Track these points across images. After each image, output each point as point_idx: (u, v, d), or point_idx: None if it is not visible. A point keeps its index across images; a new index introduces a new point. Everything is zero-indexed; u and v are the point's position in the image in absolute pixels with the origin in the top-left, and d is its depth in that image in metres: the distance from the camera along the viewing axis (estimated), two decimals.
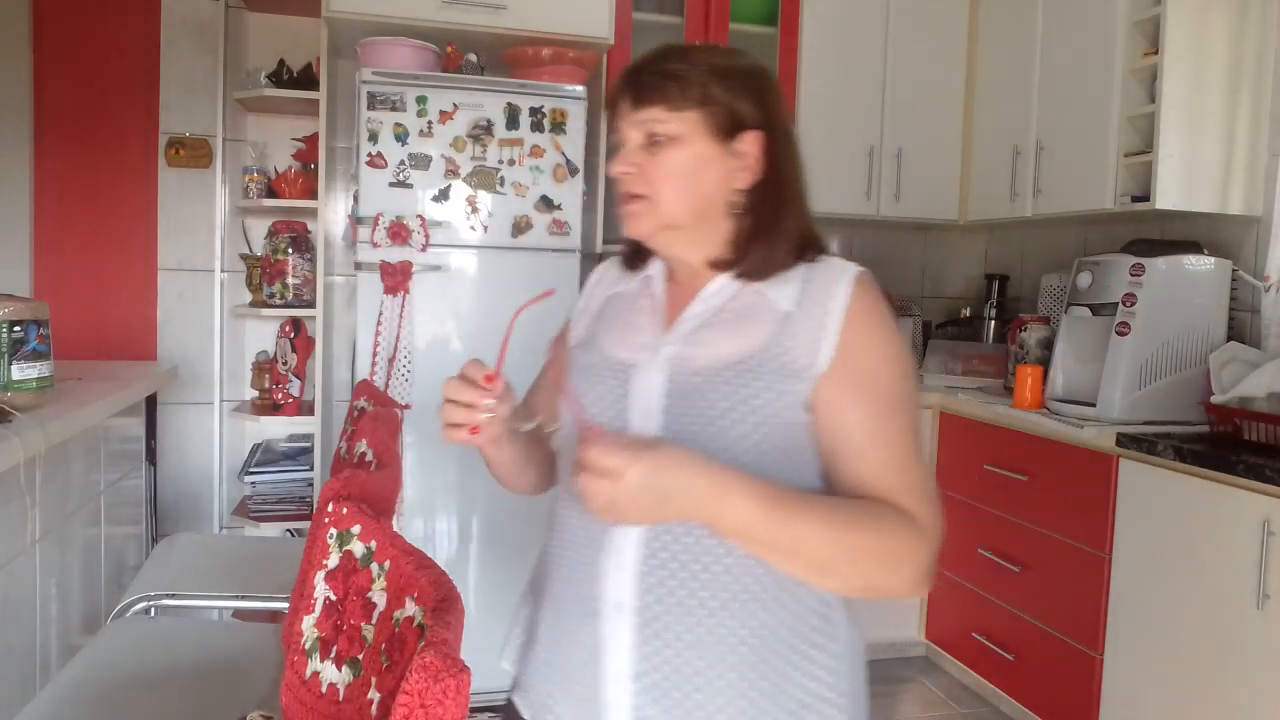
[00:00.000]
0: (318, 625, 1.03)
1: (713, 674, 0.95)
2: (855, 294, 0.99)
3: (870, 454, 0.96)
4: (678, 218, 1.02)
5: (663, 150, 1.00)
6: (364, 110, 2.57)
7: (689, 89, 0.99)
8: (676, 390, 0.98)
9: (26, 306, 1.72)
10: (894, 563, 0.93)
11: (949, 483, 3.11)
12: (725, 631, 0.95)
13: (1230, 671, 2.05)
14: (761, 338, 0.98)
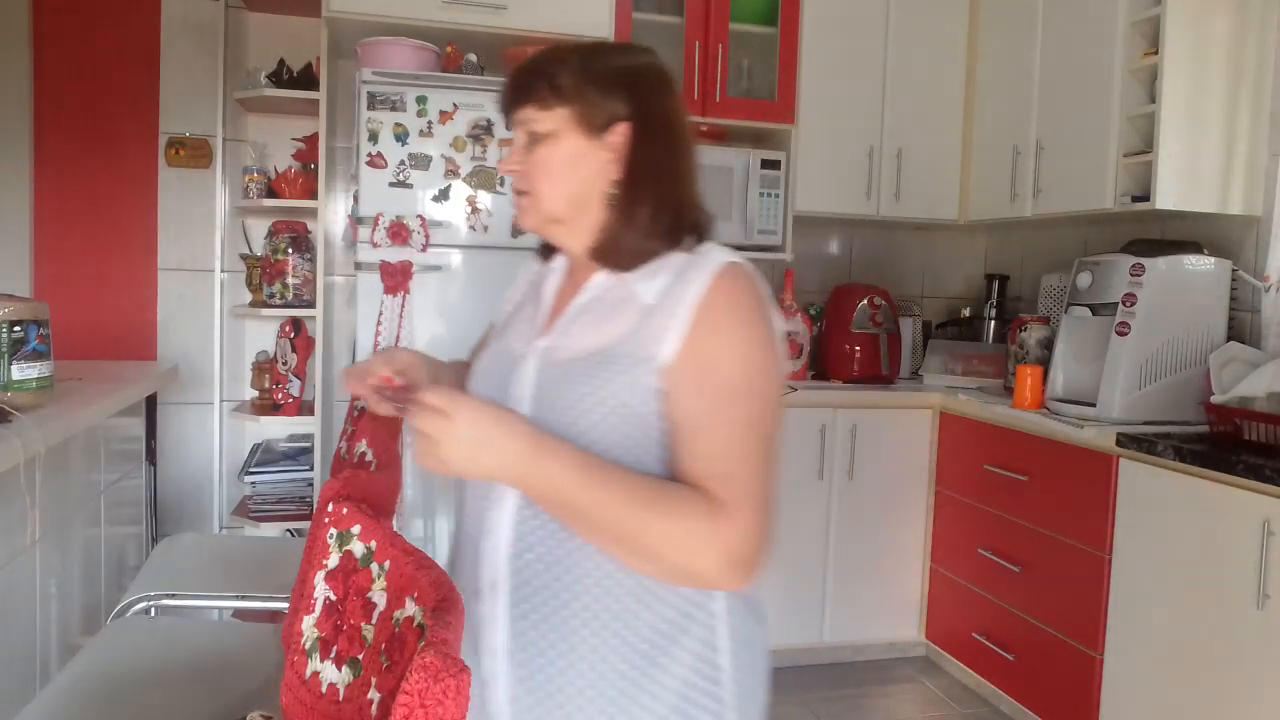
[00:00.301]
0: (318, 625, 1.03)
1: (578, 655, 0.99)
2: (712, 286, 1.00)
3: (694, 442, 0.97)
4: (557, 211, 1.07)
5: (539, 147, 1.05)
6: (364, 110, 2.57)
7: (558, 87, 1.03)
8: (543, 381, 1.04)
9: (26, 306, 1.72)
10: (690, 546, 0.93)
11: (949, 483, 3.11)
12: (590, 615, 0.99)
13: (1230, 671, 2.05)
14: (622, 330, 1.02)
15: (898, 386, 3.27)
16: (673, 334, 0.98)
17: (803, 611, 3.11)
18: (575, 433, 0.98)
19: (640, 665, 0.99)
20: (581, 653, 0.99)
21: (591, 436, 0.98)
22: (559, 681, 0.99)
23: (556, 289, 1.14)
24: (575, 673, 0.99)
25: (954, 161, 3.44)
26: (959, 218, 3.46)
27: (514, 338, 1.14)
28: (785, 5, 3.21)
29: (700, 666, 1.00)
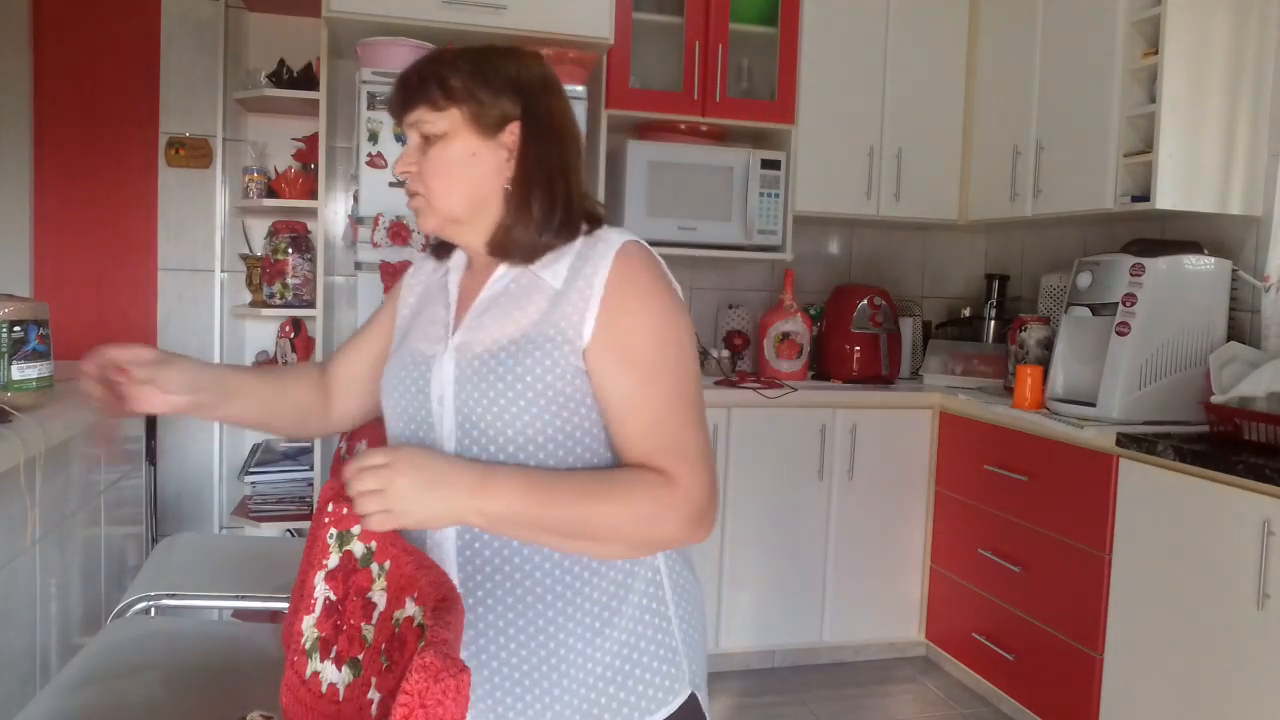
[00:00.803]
0: (318, 625, 1.03)
1: (533, 632, 1.02)
2: (615, 266, 1.04)
3: (630, 420, 1.02)
4: (454, 211, 1.08)
5: (431, 148, 1.07)
6: (364, 110, 2.57)
7: (449, 88, 1.05)
8: (463, 375, 1.05)
9: (26, 306, 1.72)
10: (655, 519, 0.99)
11: (949, 483, 3.11)
12: (541, 591, 1.03)
13: (1230, 671, 2.05)
14: (534, 316, 1.05)
15: (898, 386, 3.27)
16: (588, 315, 1.02)
17: (803, 611, 3.11)
18: (509, 418, 1.01)
19: (595, 627, 1.04)
20: (535, 630, 1.03)
21: (526, 419, 1.01)
22: (514, 662, 1.03)
23: (459, 286, 1.15)
24: (530, 651, 1.03)
25: (954, 161, 3.44)
26: (959, 218, 3.46)
27: (419, 340, 1.14)
28: (785, 5, 3.21)
29: (649, 619, 1.08)
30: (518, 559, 1.03)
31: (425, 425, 1.08)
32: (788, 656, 3.16)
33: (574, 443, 1.04)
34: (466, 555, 1.04)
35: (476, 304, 1.10)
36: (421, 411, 1.09)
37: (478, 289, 1.12)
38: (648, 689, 1.06)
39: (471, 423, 1.03)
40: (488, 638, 1.03)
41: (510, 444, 1.02)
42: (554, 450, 1.03)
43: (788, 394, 3.02)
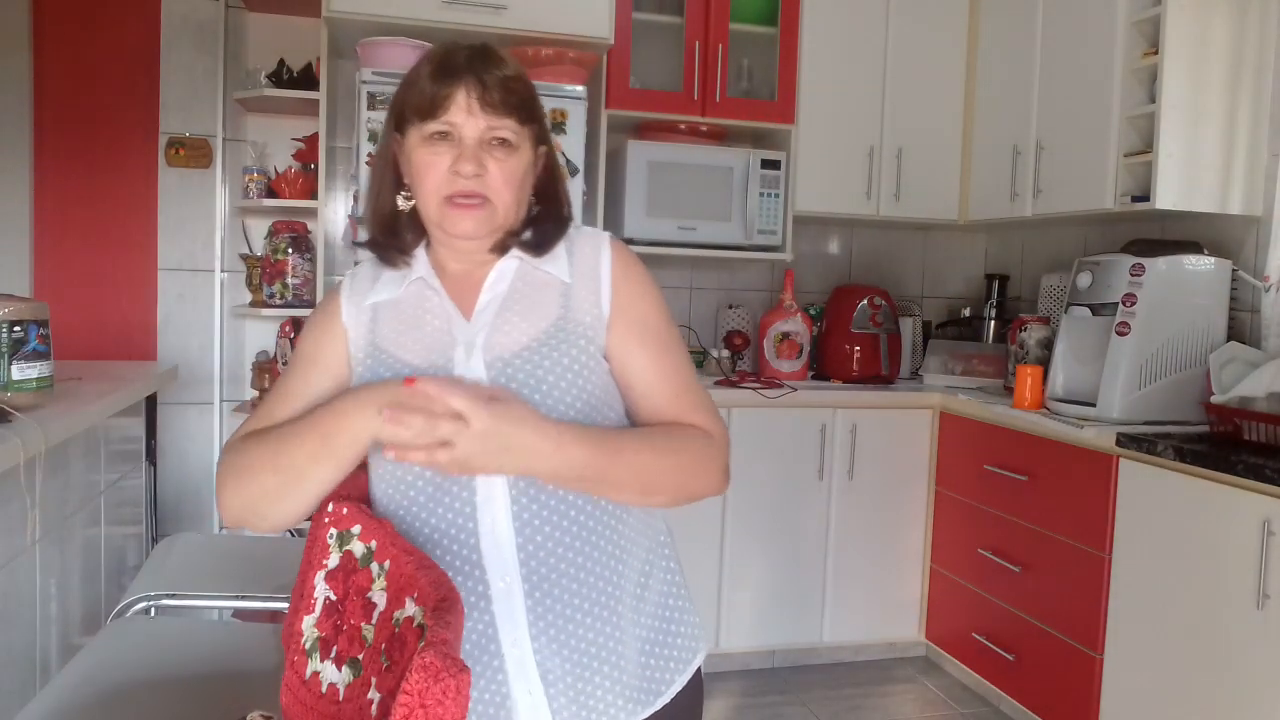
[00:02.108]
0: (318, 625, 1.03)
1: (594, 615, 1.06)
2: (614, 256, 1.13)
3: (658, 388, 1.11)
4: (510, 222, 1.11)
5: (510, 159, 1.08)
6: (364, 110, 2.57)
7: (533, 108, 1.11)
8: (498, 376, 1.05)
9: (26, 306, 1.72)
10: (702, 469, 1.10)
11: (949, 483, 3.11)
12: (592, 579, 1.06)
13: (1230, 671, 2.05)
14: (554, 311, 1.09)
15: (898, 386, 3.27)
16: (603, 303, 1.10)
17: (803, 611, 3.11)
18: (549, 408, 1.03)
19: (638, 594, 1.11)
20: (596, 613, 1.06)
21: (565, 405, 1.04)
22: (581, 646, 1.05)
23: (446, 295, 1.12)
24: (595, 631, 1.06)
25: (954, 161, 3.44)
26: (959, 218, 3.46)
27: (415, 355, 1.08)
28: (785, 5, 3.21)
29: (670, 588, 1.17)
30: (570, 555, 1.05)
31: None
32: (788, 656, 3.16)
33: (604, 419, 1.09)
34: (524, 558, 1.03)
35: (484, 306, 1.10)
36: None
37: (467, 292, 1.12)
38: (681, 651, 1.15)
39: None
40: (555, 613, 1.04)
41: None
42: None
43: (788, 394, 3.02)
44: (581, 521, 1.05)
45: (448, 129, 1.06)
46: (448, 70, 1.07)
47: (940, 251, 3.84)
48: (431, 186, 1.07)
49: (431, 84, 1.07)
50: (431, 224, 1.11)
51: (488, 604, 1.03)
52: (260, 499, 1.04)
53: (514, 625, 1.03)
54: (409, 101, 1.09)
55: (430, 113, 1.06)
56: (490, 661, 1.04)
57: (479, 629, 1.04)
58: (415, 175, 1.09)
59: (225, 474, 1.07)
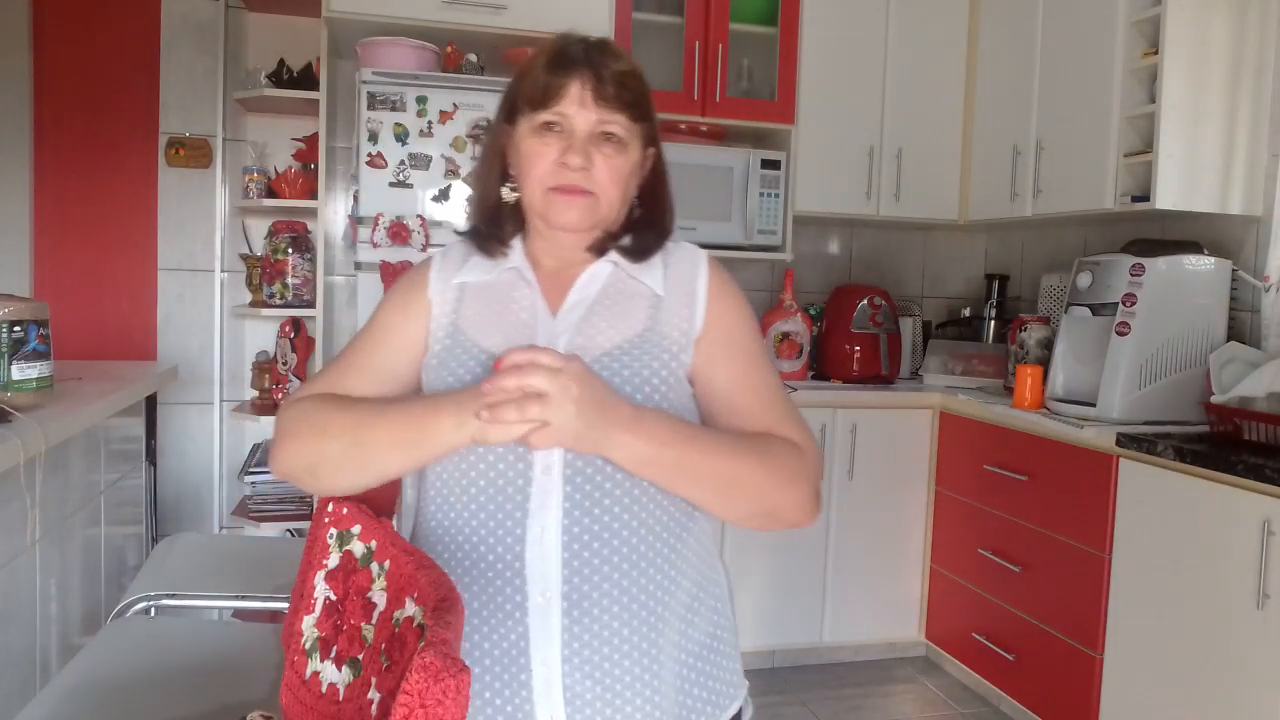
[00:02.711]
0: (318, 625, 1.03)
1: (629, 644, 1.01)
2: (711, 273, 1.12)
3: (743, 402, 1.08)
4: (611, 219, 1.10)
5: (618, 155, 1.07)
6: (364, 110, 2.57)
7: (646, 105, 1.09)
8: None
9: (26, 306, 1.72)
10: (788, 480, 1.03)
11: (949, 483, 3.11)
12: (628, 600, 1.01)
13: (1230, 671, 2.05)
14: (642, 320, 1.08)
15: (898, 386, 3.27)
16: (695, 318, 1.08)
17: (803, 611, 3.11)
18: None
19: (686, 617, 1.06)
20: (635, 641, 1.02)
21: None
22: (615, 674, 1.01)
23: (538, 288, 1.11)
24: (631, 660, 1.01)
25: (954, 161, 3.44)
26: (959, 218, 3.46)
27: (496, 344, 1.06)
28: (785, 5, 3.21)
29: (720, 620, 1.11)
30: (618, 574, 1.01)
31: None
32: (788, 656, 3.16)
33: None
34: (568, 574, 1.00)
35: (571, 306, 1.08)
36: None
37: (559, 289, 1.10)
38: (718, 696, 1.09)
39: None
40: (592, 633, 1.00)
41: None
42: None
43: (788, 394, 3.02)
44: (633, 544, 1.01)
45: (558, 120, 1.05)
46: (563, 61, 1.06)
47: (940, 251, 3.84)
48: (537, 176, 1.06)
49: (546, 74, 1.06)
50: (534, 213, 1.09)
51: (523, 615, 0.99)
52: (322, 463, 1.02)
53: (546, 642, 0.99)
54: (522, 91, 1.08)
55: (542, 102, 1.05)
56: (517, 675, 1.00)
57: (509, 640, 1.00)
58: (522, 164, 1.08)
59: (291, 428, 1.04)
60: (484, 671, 1.01)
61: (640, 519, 1.02)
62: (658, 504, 1.03)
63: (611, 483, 1.01)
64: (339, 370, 1.11)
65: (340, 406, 1.04)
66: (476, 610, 1.01)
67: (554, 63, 1.07)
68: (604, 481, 1.01)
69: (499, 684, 1.00)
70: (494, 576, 1.01)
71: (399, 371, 1.10)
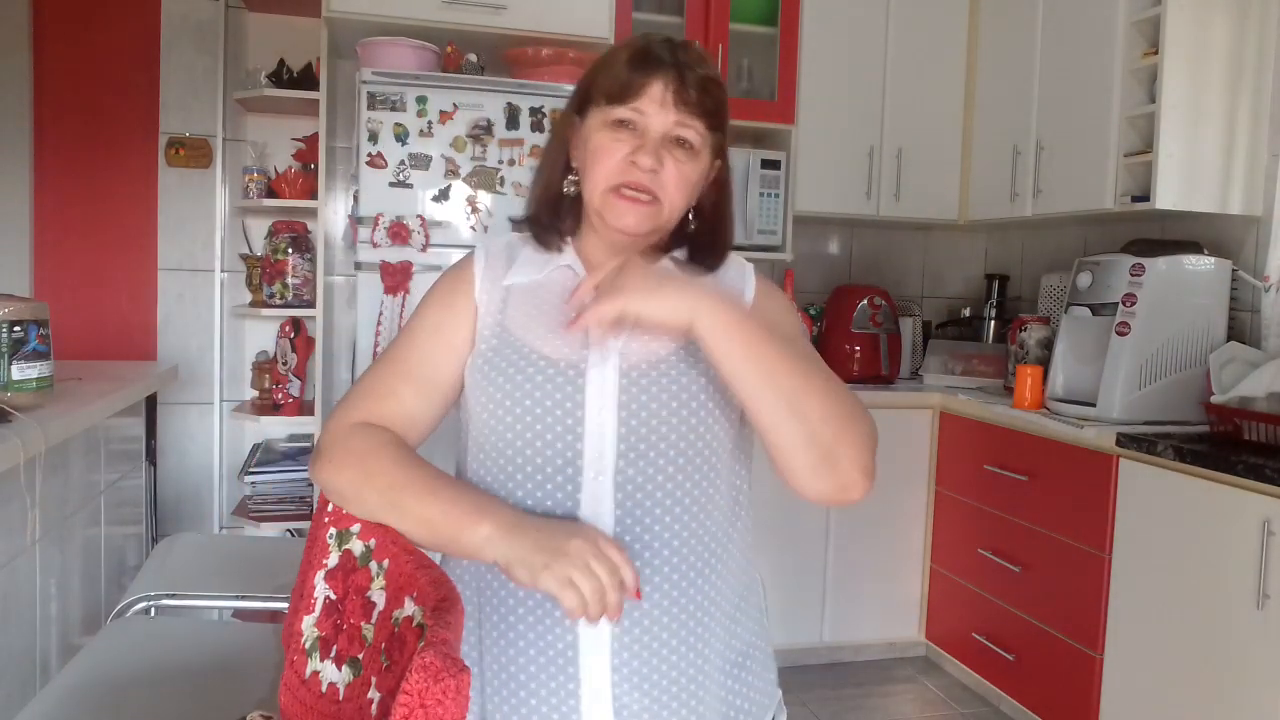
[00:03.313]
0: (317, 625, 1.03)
1: (680, 648, 1.01)
2: (758, 281, 1.16)
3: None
4: (671, 224, 1.08)
5: (688, 162, 1.04)
6: (364, 110, 2.57)
7: (723, 116, 1.06)
8: (629, 384, 1.02)
9: (26, 306, 1.72)
10: (854, 424, 1.00)
11: (949, 483, 3.11)
12: (686, 601, 1.01)
13: (1230, 671, 2.05)
14: None
15: (898, 386, 3.27)
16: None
17: (803, 611, 3.11)
18: (663, 436, 1.01)
19: (733, 615, 1.07)
20: (682, 652, 1.01)
21: (678, 435, 1.01)
22: (663, 685, 1.00)
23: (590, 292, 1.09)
24: (679, 670, 1.01)
25: (954, 161, 3.44)
26: (959, 218, 3.46)
27: (545, 343, 1.04)
28: (785, 5, 3.21)
29: (759, 630, 1.13)
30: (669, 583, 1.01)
31: (574, 435, 1.00)
32: (788, 656, 3.16)
33: (713, 467, 1.05)
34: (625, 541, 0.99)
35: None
36: (568, 420, 1.00)
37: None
38: (762, 696, 1.10)
39: (641, 436, 1.00)
40: (641, 643, 0.99)
41: (671, 464, 1.01)
42: (700, 465, 1.03)
43: None
44: (683, 553, 1.01)
45: (634, 117, 1.03)
46: (649, 58, 1.03)
47: (940, 251, 3.84)
48: (604, 172, 1.03)
49: (628, 70, 1.03)
50: (592, 211, 1.07)
51: (572, 624, 0.98)
52: (357, 503, 1.00)
53: (595, 651, 0.98)
54: (599, 84, 1.05)
55: (621, 97, 1.02)
56: (565, 684, 0.98)
57: (556, 649, 0.99)
58: (590, 158, 1.05)
59: (338, 455, 1.01)
60: (529, 679, 1.00)
61: (690, 528, 1.02)
62: (704, 509, 1.03)
63: (662, 492, 1.01)
64: (385, 373, 1.07)
65: (393, 458, 1.00)
66: (522, 617, 1.00)
67: (638, 59, 1.03)
68: (655, 491, 1.00)
69: (545, 691, 0.99)
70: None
71: (442, 378, 1.07)
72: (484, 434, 1.04)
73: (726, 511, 1.06)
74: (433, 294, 1.12)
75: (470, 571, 1.06)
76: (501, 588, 1.02)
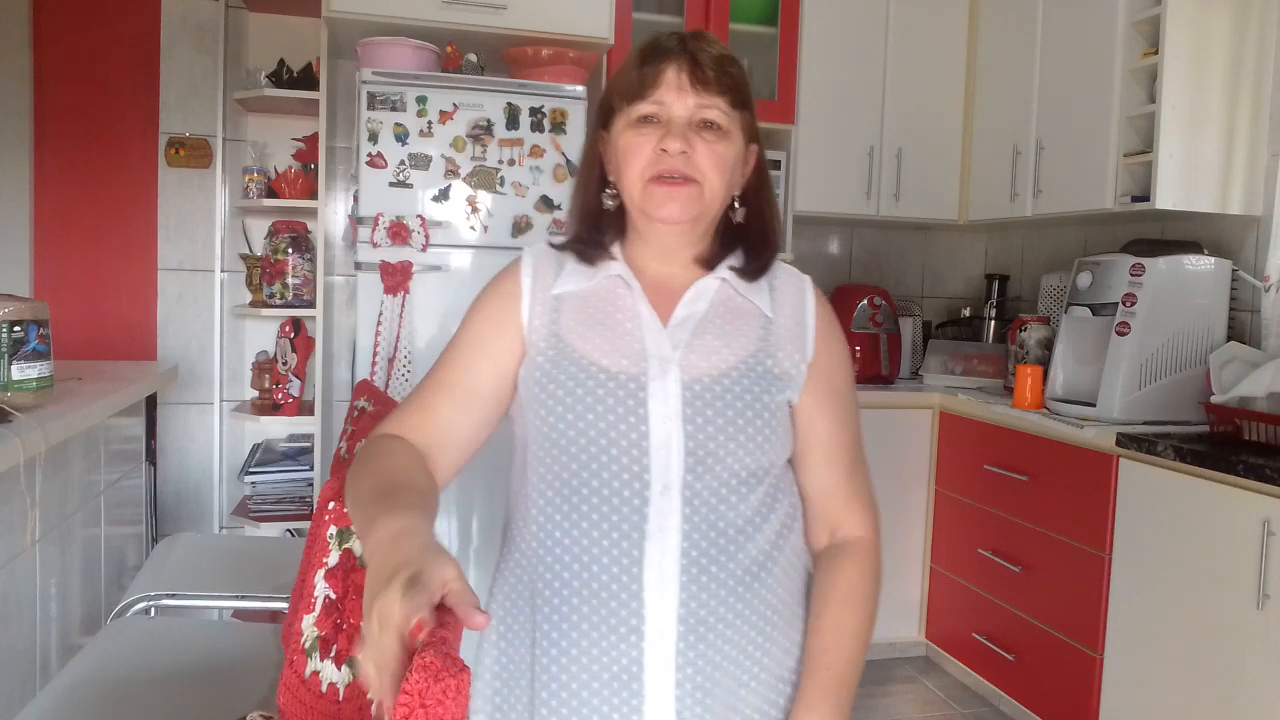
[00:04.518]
0: (318, 624, 1.03)
1: (744, 661, 1.01)
2: (818, 305, 1.10)
3: (835, 460, 1.11)
4: (714, 209, 1.05)
5: (720, 141, 1.02)
6: (364, 110, 2.57)
7: (745, 92, 1.04)
8: (693, 397, 1.00)
9: (26, 306, 1.72)
10: (876, 594, 1.17)
11: (949, 483, 3.11)
12: (750, 614, 1.01)
13: (1230, 671, 2.05)
14: (752, 342, 1.05)
15: (898, 386, 3.27)
16: (806, 349, 1.07)
17: None
18: (729, 452, 1.00)
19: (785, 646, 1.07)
20: (742, 663, 1.02)
21: (745, 450, 1.00)
22: (727, 699, 1.01)
23: (644, 296, 1.06)
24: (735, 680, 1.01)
25: (954, 161, 3.44)
26: (959, 218, 3.46)
27: (603, 355, 1.02)
28: (785, 5, 3.21)
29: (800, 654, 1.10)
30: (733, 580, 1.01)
31: (640, 449, 0.99)
32: None
33: (772, 478, 1.05)
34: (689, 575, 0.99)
35: (680, 321, 1.04)
36: (634, 434, 0.99)
37: (664, 302, 1.06)
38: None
39: (706, 450, 0.99)
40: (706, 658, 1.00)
41: (735, 477, 1.01)
42: (762, 477, 1.03)
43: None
44: (746, 565, 1.01)
45: (656, 109, 1.01)
46: (658, 50, 1.02)
47: (940, 251, 3.84)
48: (637, 168, 1.01)
49: (640, 65, 1.02)
50: (635, 210, 1.05)
51: (639, 639, 0.97)
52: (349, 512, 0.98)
53: (661, 665, 0.97)
54: (616, 90, 1.05)
55: (639, 93, 1.01)
56: (629, 700, 0.98)
57: (621, 664, 0.98)
58: (621, 160, 1.03)
59: (355, 463, 0.98)
60: (592, 695, 0.98)
61: (755, 540, 1.02)
62: (766, 520, 1.03)
63: (726, 505, 1.00)
64: (430, 388, 1.06)
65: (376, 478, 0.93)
66: (586, 633, 0.99)
67: (648, 53, 1.03)
68: (719, 504, 1.00)
69: (607, 708, 0.98)
70: (608, 598, 0.98)
71: (485, 389, 1.05)
72: (546, 448, 1.02)
73: (784, 525, 1.06)
74: (478, 305, 1.09)
75: (524, 582, 1.04)
76: (563, 604, 1.00)
